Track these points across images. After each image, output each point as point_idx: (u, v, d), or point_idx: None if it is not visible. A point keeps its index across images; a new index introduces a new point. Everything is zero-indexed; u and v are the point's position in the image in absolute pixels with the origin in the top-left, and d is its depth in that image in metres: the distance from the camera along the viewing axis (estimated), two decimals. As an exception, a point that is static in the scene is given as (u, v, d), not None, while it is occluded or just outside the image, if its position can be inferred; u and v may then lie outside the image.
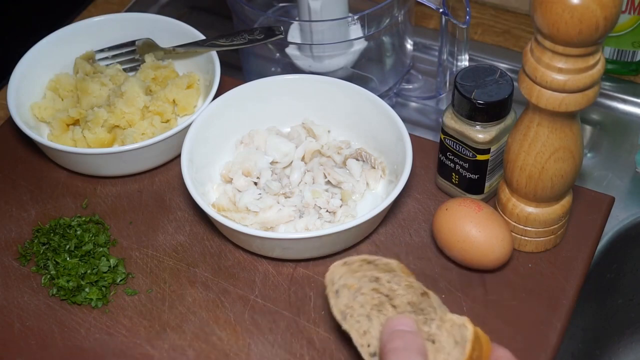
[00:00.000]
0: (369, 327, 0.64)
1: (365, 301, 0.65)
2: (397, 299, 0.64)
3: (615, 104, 0.97)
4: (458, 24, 0.85)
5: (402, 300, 0.64)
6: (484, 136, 0.76)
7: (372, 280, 0.65)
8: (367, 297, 0.65)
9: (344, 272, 0.67)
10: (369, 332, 0.64)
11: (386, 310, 0.64)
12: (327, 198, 0.80)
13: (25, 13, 1.07)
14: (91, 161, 0.84)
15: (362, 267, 0.66)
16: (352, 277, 0.66)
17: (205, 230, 0.82)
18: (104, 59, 0.95)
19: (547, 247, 0.78)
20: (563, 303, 0.75)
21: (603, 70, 0.65)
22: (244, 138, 0.87)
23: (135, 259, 0.80)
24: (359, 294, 0.65)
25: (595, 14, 0.60)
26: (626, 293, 0.94)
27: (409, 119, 0.96)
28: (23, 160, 0.89)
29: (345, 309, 0.65)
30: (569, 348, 0.91)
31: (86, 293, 0.77)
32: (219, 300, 0.77)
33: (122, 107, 0.87)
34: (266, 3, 1.01)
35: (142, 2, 1.12)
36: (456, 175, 0.81)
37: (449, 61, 0.88)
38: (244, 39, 0.88)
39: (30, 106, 0.90)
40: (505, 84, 0.76)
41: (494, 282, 0.77)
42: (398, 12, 0.89)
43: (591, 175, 0.90)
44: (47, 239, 0.81)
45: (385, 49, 0.94)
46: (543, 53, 0.64)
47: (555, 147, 0.70)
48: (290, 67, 0.93)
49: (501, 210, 0.78)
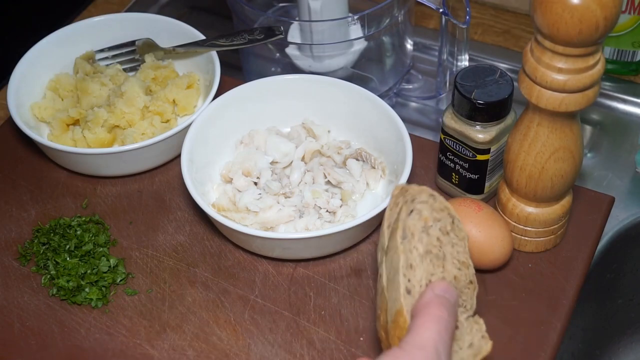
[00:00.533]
0: (417, 266, 0.60)
1: (426, 242, 0.61)
2: (448, 266, 0.61)
3: (615, 104, 0.97)
4: (458, 24, 0.85)
5: (451, 272, 0.62)
6: (484, 136, 0.76)
7: (442, 231, 0.62)
8: (430, 241, 0.61)
9: (426, 201, 0.62)
10: (414, 270, 0.60)
11: (436, 268, 0.61)
12: (327, 198, 0.80)
13: (25, 13, 1.07)
14: (91, 161, 0.84)
15: (442, 212, 0.62)
16: (431, 211, 0.62)
17: (205, 230, 0.82)
18: (104, 59, 0.95)
19: (547, 247, 0.78)
20: (563, 303, 0.75)
21: (603, 70, 0.65)
22: (244, 138, 0.87)
23: (135, 259, 0.80)
24: (425, 232, 0.61)
25: (595, 14, 0.60)
26: (626, 293, 0.94)
27: (409, 119, 0.96)
28: (23, 160, 0.89)
29: (408, 232, 0.61)
30: (569, 348, 0.91)
31: (86, 293, 0.77)
32: (219, 300, 0.77)
33: (122, 107, 0.87)
34: (266, 3, 1.01)
35: (142, 2, 1.12)
36: (456, 175, 0.81)
37: (449, 61, 0.88)
38: (244, 39, 0.88)
39: (30, 106, 0.90)
40: (505, 84, 0.76)
41: (494, 282, 0.77)
42: (398, 12, 0.89)
43: (591, 175, 0.90)
44: (47, 239, 0.81)
45: (385, 49, 0.94)
46: (543, 53, 0.64)
47: (555, 147, 0.70)
48: (290, 67, 0.93)
49: (501, 210, 0.78)
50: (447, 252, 0.62)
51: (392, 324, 0.58)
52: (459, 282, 0.62)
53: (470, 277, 0.62)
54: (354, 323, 0.74)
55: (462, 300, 0.62)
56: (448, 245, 0.62)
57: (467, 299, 0.62)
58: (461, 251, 0.62)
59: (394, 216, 0.62)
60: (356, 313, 0.75)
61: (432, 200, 0.62)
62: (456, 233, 0.63)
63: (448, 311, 0.57)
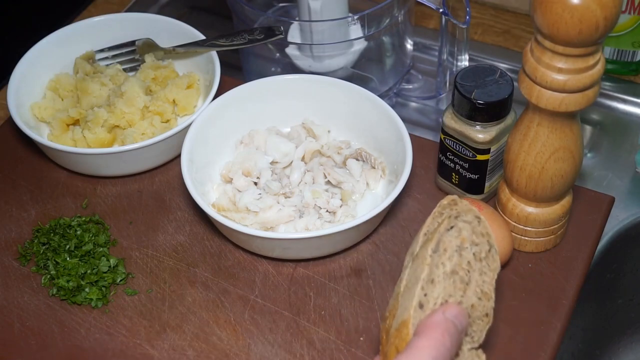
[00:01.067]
0: (439, 282, 0.59)
1: (456, 262, 0.60)
2: (470, 292, 0.60)
3: (615, 104, 0.97)
4: (458, 24, 0.85)
5: (471, 299, 0.60)
6: (484, 136, 0.76)
7: (476, 257, 0.60)
8: (460, 263, 0.60)
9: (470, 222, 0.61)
10: (434, 285, 0.59)
11: (457, 290, 0.59)
12: (327, 198, 0.80)
13: (25, 13, 1.07)
14: (91, 161, 0.84)
15: (482, 237, 0.61)
16: (471, 233, 0.61)
17: (205, 230, 0.82)
18: (104, 59, 0.95)
19: (547, 247, 0.78)
20: (563, 303, 0.75)
21: (603, 70, 0.65)
22: (244, 138, 0.87)
23: (135, 259, 0.80)
24: (458, 252, 0.60)
25: (595, 14, 0.60)
26: (626, 293, 0.94)
27: (409, 119, 0.96)
28: (23, 160, 0.89)
29: (441, 247, 0.60)
30: (569, 348, 0.91)
31: (86, 293, 0.77)
32: (219, 300, 0.77)
33: (122, 107, 0.87)
34: (266, 3, 1.01)
35: (142, 2, 1.12)
36: (456, 175, 0.81)
37: (449, 61, 0.88)
38: (244, 39, 0.88)
39: (30, 106, 0.90)
40: (505, 84, 0.76)
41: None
42: (398, 12, 0.89)
43: (591, 175, 0.90)
44: (47, 239, 0.81)
45: (385, 49, 0.94)
46: (543, 53, 0.64)
47: (555, 147, 0.70)
48: (290, 67, 0.93)
49: (501, 210, 0.78)
50: (473, 279, 0.60)
51: (395, 331, 0.58)
52: (475, 311, 0.60)
53: (487, 310, 0.61)
54: (354, 323, 0.74)
55: (471, 330, 0.60)
56: (477, 272, 0.61)
57: (477, 330, 0.61)
58: (488, 281, 0.61)
59: (434, 225, 0.62)
60: (356, 313, 0.75)
61: (476, 222, 0.61)
62: (489, 262, 0.61)
63: (451, 338, 0.56)
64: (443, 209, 0.62)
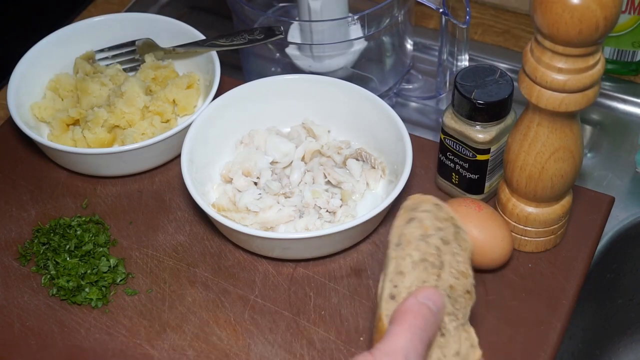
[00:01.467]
0: (408, 272, 0.60)
1: (424, 250, 0.61)
2: (445, 275, 0.60)
3: (615, 104, 0.97)
4: (458, 24, 0.85)
5: (447, 281, 0.60)
6: (484, 136, 0.76)
7: (444, 241, 0.61)
8: (427, 250, 0.61)
9: (429, 210, 0.62)
10: (404, 276, 0.59)
11: (429, 275, 0.60)
12: (327, 198, 0.80)
13: (25, 13, 1.07)
14: (91, 161, 0.84)
15: (446, 221, 0.62)
16: (433, 220, 0.62)
17: (205, 230, 0.82)
18: (104, 59, 0.95)
19: (547, 247, 0.78)
20: (563, 303, 0.75)
21: (603, 70, 0.65)
22: (244, 138, 0.87)
23: (135, 259, 0.80)
24: (423, 241, 0.61)
25: (595, 14, 0.60)
26: (626, 293, 0.94)
27: (409, 119, 0.96)
28: (23, 160, 0.89)
29: (403, 240, 0.61)
30: (569, 348, 0.91)
31: (86, 293, 0.77)
32: (219, 300, 0.77)
33: (122, 107, 0.87)
34: (266, 3, 1.01)
35: (142, 2, 1.12)
36: (456, 175, 0.81)
37: (449, 61, 0.88)
38: (244, 39, 0.88)
39: (30, 106, 0.90)
40: (505, 84, 0.76)
41: (494, 282, 0.76)
42: (398, 12, 0.89)
43: (591, 175, 0.90)
44: (47, 239, 0.81)
45: (385, 49, 0.94)
46: (543, 53, 0.64)
47: (555, 147, 0.70)
48: (290, 67, 0.93)
49: (501, 210, 0.78)
50: (446, 262, 0.61)
51: (374, 328, 0.59)
52: (454, 291, 0.61)
53: (468, 287, 0.61)
54: (354, 323, 0.74)
55: (454, 309, 0.61)
56: (448, 254, 0.61)
57: (460, 308, 0.61)
58: (461, 261, 0.62)
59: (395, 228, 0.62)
60: (356, 313, 0.75)
61: (435, 209, 0.62)
62: (459, 243, 0.62)
63: (426, 320, 0.56)
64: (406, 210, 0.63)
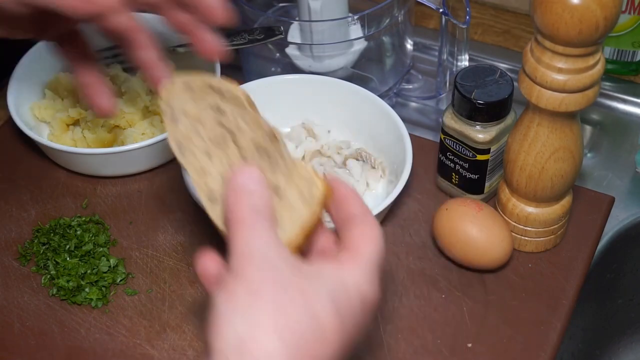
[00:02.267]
0: (209, 166, 0.55)
1: (205, 135, 0.56)
2: (242, 137, 0.55)
3: (615, 104, 0.97)
4: (458, 24, 0.85)
5: (248, 140, 0.55)
6: (484, 136, 0.76)
7: (215, 110, 0.56)
8: (208, 130, 0.56)
9: (184, 96, 0.57)
10: (208, 172, 0.55)
11: (229, 149, 0.55)
12: (327, 198, 0.80)
13: (25, 13, 1.07)
14: (91, 161, 0.84)
15: (205, 92, 0.57)
16: (194, 103, 0.57)
17: (205, 231, 0.82)
18: (104, 59, 0.94)
19: (547, 247, 0.78)
20: (563, 303, 0.75)
21: (603, 70, 0.65)
22: (244, 138, 0.87)
23: (135, 259, 0.80)
24: (199, 125, 0.56)
25: (595, 14, 0.60)
26: (626, 293, 0.94)
27: (409, 119, 0.95)
28: (23, 160, 0.89)
29: (183, 140, 0.56)
30: (569, 348, 0.91)
31: (86, 293, 0.77)
32: (219, 300, 0.77)
33: (122, 107, 0.87)
34: (266, 3, 1.00)
35: (142, 2, 1.12)
36: (456, 175, 0.81)
37: (449, 61, 0.88)
38: (244, 39, 0.88)
39: (30, 106, 0.90)
40: (505, 84, 0.76)
41: (494, 282, 0.76)
42: (398, 12, 0.89)
43: (591, 175, 0.90)
44: (47, 239, 0.81)
45: (385, 49, 0.94)
46: (543, 53, 0.64)
47: (555, 147, 0.70)
48: (290, 67, 0.93)
49: (501, 210, 0.78)
50: (234, 126, 0.56)
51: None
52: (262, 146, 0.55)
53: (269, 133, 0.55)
54: (354, 323, 0.74)
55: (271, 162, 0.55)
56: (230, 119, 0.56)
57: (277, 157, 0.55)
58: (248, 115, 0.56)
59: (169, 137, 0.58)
60: (356, 313, 0.75)
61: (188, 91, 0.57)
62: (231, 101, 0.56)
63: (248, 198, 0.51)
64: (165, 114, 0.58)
